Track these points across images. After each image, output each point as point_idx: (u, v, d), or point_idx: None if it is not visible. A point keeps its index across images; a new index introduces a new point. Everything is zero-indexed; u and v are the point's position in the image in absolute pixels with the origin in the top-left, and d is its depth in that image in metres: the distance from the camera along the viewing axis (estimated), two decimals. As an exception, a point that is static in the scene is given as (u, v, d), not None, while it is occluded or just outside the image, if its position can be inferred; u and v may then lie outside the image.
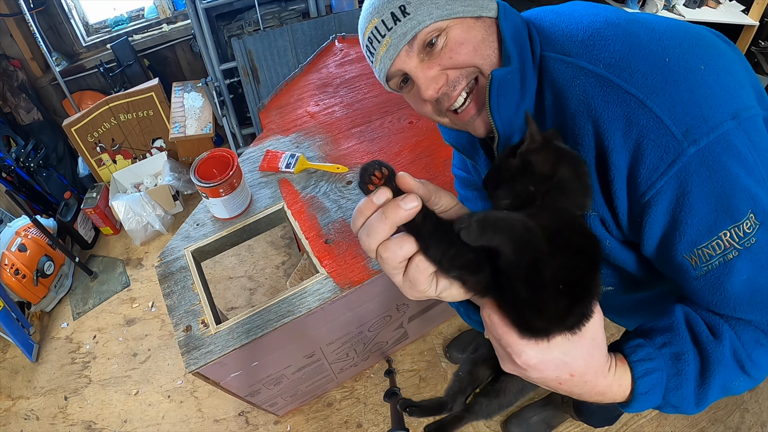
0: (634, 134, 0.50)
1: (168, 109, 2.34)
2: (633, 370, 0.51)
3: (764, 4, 2.13)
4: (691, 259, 0.52)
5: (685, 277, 0.53)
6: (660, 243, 0.54)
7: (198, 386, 1.74)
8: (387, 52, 0.56)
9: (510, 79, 0.56)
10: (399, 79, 0.60)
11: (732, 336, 0.52)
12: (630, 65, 0.50)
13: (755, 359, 0.52)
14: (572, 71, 0.54)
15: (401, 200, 0.40)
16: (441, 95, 0.58)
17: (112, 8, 2.48)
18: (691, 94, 0.48)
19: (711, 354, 0.51)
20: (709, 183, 0.48)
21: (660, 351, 0.52)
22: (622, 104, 0.50)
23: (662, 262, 0.56)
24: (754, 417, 1.52)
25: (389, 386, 1.27)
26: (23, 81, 2.25)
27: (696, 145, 0.47)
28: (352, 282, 1.02)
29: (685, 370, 0.51)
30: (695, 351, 0.52)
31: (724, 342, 0.51)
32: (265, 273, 2.07)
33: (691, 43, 0.51)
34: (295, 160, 1.28)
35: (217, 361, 0.94)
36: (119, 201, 2.12)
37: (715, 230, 0.49)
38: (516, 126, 0.60)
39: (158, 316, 1.99)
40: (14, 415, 1.76)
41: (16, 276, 1.85)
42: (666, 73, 0.49)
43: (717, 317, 0.53)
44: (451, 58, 0.56)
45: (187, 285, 1.06)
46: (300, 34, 1.95)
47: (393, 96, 1.51)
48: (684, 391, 0.52)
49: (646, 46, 0.51)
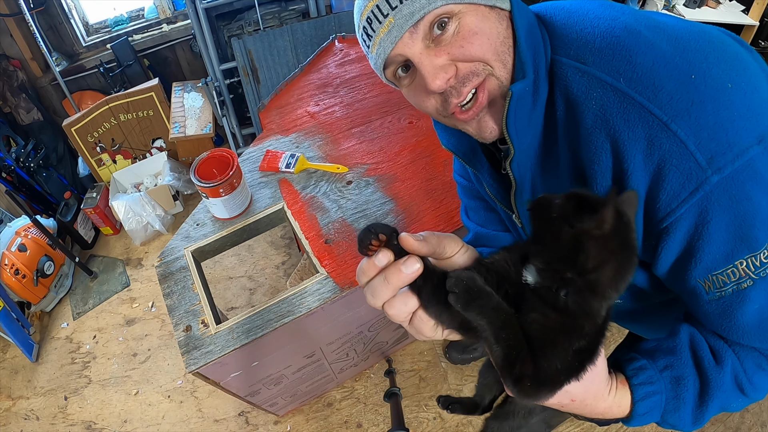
0: (656, 158, 0.47)
1: (168, 109, 2.34)
2: (633, 393, 0.52)
3: (764, 4, 2.13)
4: (704, 284, 0.50)
5: (697, 300, 0.52)
6: (673, 267, 0.53)
7: (198, 386, 1.74)
8: (389, 34, 0.50)
9: (527, 90, 0.52)
10: (397, 68, 0.54)
11: (734, 361, 0.52)
12: (654, 82, 0.46)
13: (755, 383, 0.52)
14: (588, 82, 0.50)
15: (403, 264, 0.41)
16: (449, 88, 0.52)
17: (112, 8, 2.48)
18: (717, 117, 0.45)
19: (712, 380, 0.52)
20: (730, 212, 0.46)
21: (661, 374, 0.53)
22: (645, 125, 0.46)
23: (674, 283, 0.55)
24: (754, 417, 1.52)
25: (389, 386, 1.27)
26: (23, 81, 2.25)
27: (720, 173, 0.45)
28: (352, 282, 1.02)
29: (685, 394, 0.52)
30: (696, 376, 0.53)
31: (725, 368, 0.52)
32: (265, 273, 2.07)
33: (717, 56, 0.47)
34: (295, 160, 1.28)
35: (217, 361, 0.94)
36: (119, 201, 2.12)
37: (732, 259, 0.48)
38: (528, 138, 0.56)
39: (158, 316, 1.99)
40: (14, 415, 1.76)
41: (16, 276, 1.85)
42: (692, 92, 0.45)
43: (721, 341, 0.53)
44: (462, 47, 0.49)
45: (187, 285, 1.06)
46: (300, 34, 1.95)
47: (393, 96, 1.51)
48: (681, 414, 0.53)
49: (670, 59, 0.47)
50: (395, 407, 1.14)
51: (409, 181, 1.23)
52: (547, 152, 0.58)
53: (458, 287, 0.41)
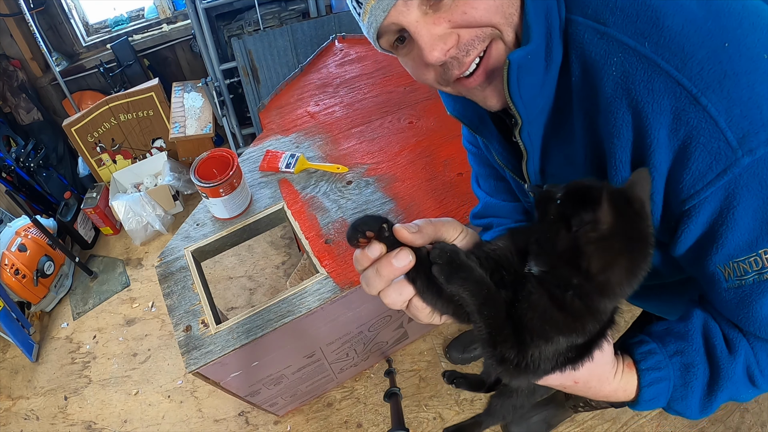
0: (682, 134, 0.43)
1: (168, 109, 2.34)
2: (640, 378, 0.51)
3: (764, 4, 2.13)
4: (724, 270, 0.47)
5: (714, 286, 0.49)
6: (692, 250, 0.49)
7: (198, 386, 1.74)
8: (380, 1, 0.44)
9: (532, 57, 0.47)
10: (393, 37, 0.49)
11: (748, 352, 0.50)
12: (683, 48, 0.41)
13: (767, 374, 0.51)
14: (608, 45, 0.44)
15: (394, 257, 0.41)
16: (449, 59, 0.47)
17: (112, 8, 2.48)
18: (751, 92, 0.40)
19: (723, 370, 0.50)
20: (758, 198, 0.43)
21: (671, 360, 0.51)
22: (671, 97, 0.42)
23: (691, 266, 0.52)
24: (754, 417, 1.51)
25: (389, 386, 1.27)
26: (23, 81, 2.25)
27: (752, 155, 0.41)
28: (352, 282, 1.02)
29: (693, 382, 0.51)
30: (706, 364, 0.51)
31: (738, 359, 0.50)
32: (265, 273, 2.07)
33: (752, 22, 0.42)
34: (295, 160, 1.28)
35: (217, 361, 0.94)
36: (119, 201, 2.12)
37: (756, 247, 0.45)
38: (540, 106, 0.52)
39: (158, 316, 1.99)
40: (14, 415, 1.76)
41: (16, 276, 1.85)
42: (725, 62, 0.41)
43: (736, 330, 0.51)
44: (465, 13, 0.44)
45: (187, 285, 1.06)
46: (300, 34, 1.95)
47: (393, 96, 1.51)
48: (689, 402, 0.52)
49: (702, 24, 0.41)
50: (395, 407, 1.14)
51: (409, 181, 1.23)
52: (561, 121, 0.54)
53: (441, 258, 0.41)
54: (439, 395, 1.63)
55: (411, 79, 1.59)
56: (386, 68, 1.63)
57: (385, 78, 1.59)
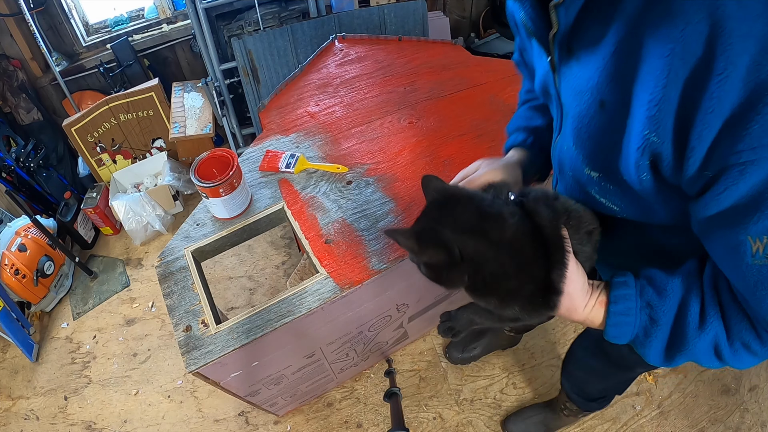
0: (765, 73, 0.35)
1: (168, 109, 2.34)
2: (607, 317, 0.55)
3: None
4: (754, 244, 0.42)
5: (735, 257, 0.44)
6: (725, 213, 0.43)
7: (198, 386, 1.74)
8: None
9: None
10: None
11: (719, 333, 0.50)
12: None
13: (738, 357, 0.51)
14: None
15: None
16: None
17: (112, 8, 2.48)
18: None
19: (687, 340, 0.51)
20: None
21: (640, 311, 0.54)
22: (766, 22, 0.34)
23: (712, 229, 0.46)
24: (754, 417, 1.51)
25: (389, 386, 1.27)
26: (23, 81, 2.25)
27: None
28: (352, 282, 1.02)
29: (654, 337, 0.53)
30: (670, 328, 0.52)
31: (706, 336, 0.50)
32: (265, 273, 2.07)
33: None
34: (295, 160, 1.28)
35: (217, 361, 0.94)
36: (119, 201, 2.12)
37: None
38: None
39: (158, 316, 1.99)
40: (14, 415, 1.76)
41: (16, 276, 1.85)
42: None
43: (716, 306, 0.50)
44: None
45: (187, 285, 1.06)
46: (300, 34, 1.95)
47: (393, 96, 1.51)
48: (648, 351, 0.55)
49: None
50: (395, 407, 1.14)
51: (409, 181, 1.23)
52: (605, 4, 0.46)
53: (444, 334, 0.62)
54: (439, 395, 1.63)
55: (411, 78, 1.59)
56: (386, 68, 1.63)
57: (385, 78, 1.59)
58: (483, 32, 3.05)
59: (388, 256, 1.06)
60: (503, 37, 2.89)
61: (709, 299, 0.51)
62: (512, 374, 1.67)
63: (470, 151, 1.30)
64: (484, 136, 1.34)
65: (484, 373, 1.68)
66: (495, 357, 1.71)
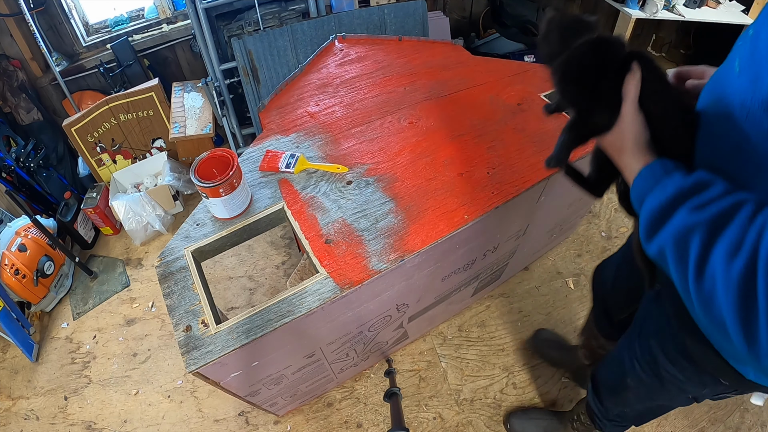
0: None
1: (168, 109, 2.34)
2: (636, 179, 0.57)
3: (764, 3, 2.13)
4: None
5: None
6: None
7: (198, 386, 1.74)
8: None
9: None
10: None
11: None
12: None
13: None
14: None
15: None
16: None
17: (112, 8, 2.48)
18: None
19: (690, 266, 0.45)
20: None
21: (674, 201, 0.49)
22: None
23: None
24: (754, 417, 1.51)
25: (389, 386, 1.27)
26: (23, 81, 2.25)
27: None
28: (352, 282, 1.02)
29: (667, 230, 0.49)
30: (705, 234, 0.44)
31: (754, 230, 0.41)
32: (265, 273, 2.07)
33: None
34: (295, 160, 1.28)
35: (217, 361, 0.94)
36: (119, 201, 2.12)
37: None
38: None
39: (158, 316, 1.99)
40: (14, 415, 1.76)
41: (16, 276, 1.85)
42: None
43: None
44: None
45: (187, 285, 1.06)
46: (300, 34, 1.95)
47: (393, 96, 1.51)
48: (650, 235, 0.54)
49: None
50: (395, 407, 1.14)
51: (409, 181, 1.23)
52: None
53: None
54: (439, 395, 1.63)
55: (411, 79, 1.59)
56: (386, 68, 1.63)
57: (385, 78, 1.59)
58: (483, 32, 3.05)
59: (388, 256, 1.06)
60: (503, 37, 2.89)
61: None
62: (512, 374, 1.67)
63: (470, 151, 1.30)
64: (484, 136, 1.34)
65: (484, 373, 1.68)
66: (495, 357, 1.71)
